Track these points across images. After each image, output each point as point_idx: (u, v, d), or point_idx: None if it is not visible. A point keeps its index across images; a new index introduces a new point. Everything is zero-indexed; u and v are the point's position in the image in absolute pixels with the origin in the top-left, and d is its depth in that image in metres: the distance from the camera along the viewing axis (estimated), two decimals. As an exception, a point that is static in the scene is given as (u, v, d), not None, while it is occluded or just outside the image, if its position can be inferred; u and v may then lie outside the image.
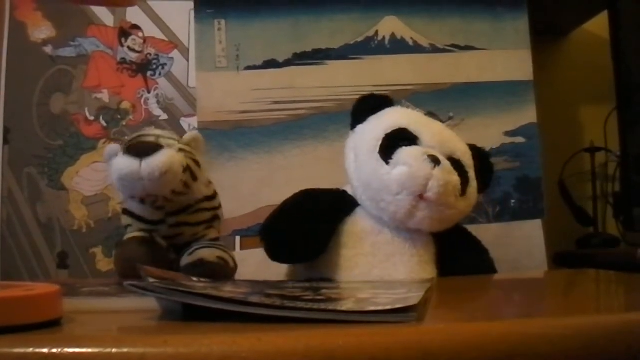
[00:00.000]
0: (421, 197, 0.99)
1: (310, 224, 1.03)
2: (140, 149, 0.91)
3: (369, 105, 1.11)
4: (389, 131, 1.04)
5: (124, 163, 0.90)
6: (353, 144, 1.09)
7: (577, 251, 1.57)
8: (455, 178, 1.01)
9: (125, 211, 1.00)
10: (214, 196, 1.04)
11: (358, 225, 1.06)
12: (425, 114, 1.18)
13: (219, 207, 1.05)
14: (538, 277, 1.24)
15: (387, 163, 1.01)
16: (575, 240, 1.60)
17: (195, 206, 0.99)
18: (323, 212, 1.05)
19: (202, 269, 0.89)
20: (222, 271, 0.91)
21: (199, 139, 1.01)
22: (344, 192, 1.10)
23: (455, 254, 1.07)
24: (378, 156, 1.02)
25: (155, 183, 0.89)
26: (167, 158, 0.90)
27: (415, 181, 0.99)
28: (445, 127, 1.11)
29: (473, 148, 1.10)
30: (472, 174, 1.06)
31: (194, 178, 0.95)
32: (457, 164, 1.03)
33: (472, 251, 1.11)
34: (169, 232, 0.97)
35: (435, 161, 0.99)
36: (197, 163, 0.97)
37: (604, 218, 1.67)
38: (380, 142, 1.03)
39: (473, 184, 1.06)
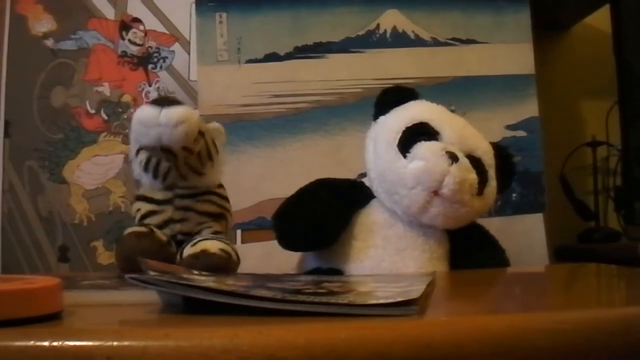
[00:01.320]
0: (436, 193, 0.99)
1: (322, 214, 1.03)
2: (164, 101, 0.94)
3: (393, 97, 1.11)
4: (410, 124, 1.04)
5: (146, 109, 0.93)
6: (373, 134, 1.09)
7: (578, 245, 1.57)
8: (472, 176, 1.01)
9: (138, 197, 1.01)
10: (224, 197, 1.04)
11: (371, 217, 1.06)
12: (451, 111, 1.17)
13: (228, 210, 1.05)
14: (539, 271, 1.24)
15: (405, 156, 1.01)
16: (577, 234, 1.60)
17: (205, 196, 0.99)
18: (337, 202, 1.05)
19: (204, 260, 0.89)
20: (224, 263, 0.90)
21: (221, 130, 1.03)
22: (361, 183, 1.11)
23: (470, 252, 1.07)
24: (396, 149, 1.02)
25: (171, 130, 0.91)
26: (186, 111, 0.93)
27: (430, 176, 0.98)
28: (468, 125, 1.09)
29: (496, 147, 1.09)
30: (492, 173, 1.05)
31: (210, 157, 0.97)
32: (476, 162, 1.03)
33: (488, 250, 1.10)
34: (174, 215, 0.98)
35: (453, 158, 0.99)
36: (215, 146, 0.99)
37: (605, 212, 1.67)
38: (399, 134, 1.03)
39: (492, 183, 1.05)
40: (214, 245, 0.91)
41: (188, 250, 0.92)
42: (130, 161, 1.02)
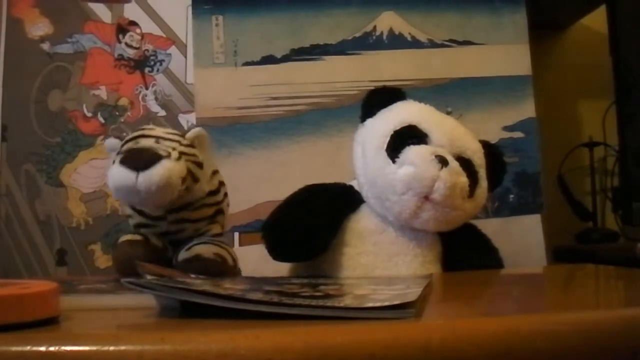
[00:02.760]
0: (427, 198, 0.98)
1: (312, 223, 1.01)
2: (137, 161, 0.88)
3: (380, 98, 1.09)
4: (398, 128, 1.02)
5: (120, 175, 0.87)
6: (361, 138, 1.08)
7: (576, 246, 1.56)
8: (462, 180, 0.99)
9: None
10: (217, 190, 1.01)
11: (362, 222, 1.05)
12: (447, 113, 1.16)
13: (223, 200, 1.02)
14: (537, 272, 1.24)
15: (394, 161, 0.99)
16: (575, 235, 1.60)
17: (197, 203, 0.97)
18: (326, 209, 1.03)
19: (197, 264, 0.88)
20: (218, 268, 0.89)
21: (203, 135, 0.97)
22: (350, 187, 1.09)
23: (463, 252, 1.06)
24: (385, 154, 1.01)
25: (152, 196, 0.88)
26: (164, 171, 0.87)
27: (421, 182, 0.97)
28: (458, 125, 1.08)
29: (486, 145, 1.08)
30: (482, 173, 1.04)
31: (195, 180, 0.94)
32: (466, 163, 1.02)
33: (480, 250, 1.09)
34: (169, 228, 0.96)
35: (442, 162, 0.97)
36: (198, 165, 0.94)
37: (603, 212, 1.67)
38: (388, 139, 1.01)
39: (483, 184, 1.04)
40: (208, 250, 0.91)
41: (182, 255, 0.91)
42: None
